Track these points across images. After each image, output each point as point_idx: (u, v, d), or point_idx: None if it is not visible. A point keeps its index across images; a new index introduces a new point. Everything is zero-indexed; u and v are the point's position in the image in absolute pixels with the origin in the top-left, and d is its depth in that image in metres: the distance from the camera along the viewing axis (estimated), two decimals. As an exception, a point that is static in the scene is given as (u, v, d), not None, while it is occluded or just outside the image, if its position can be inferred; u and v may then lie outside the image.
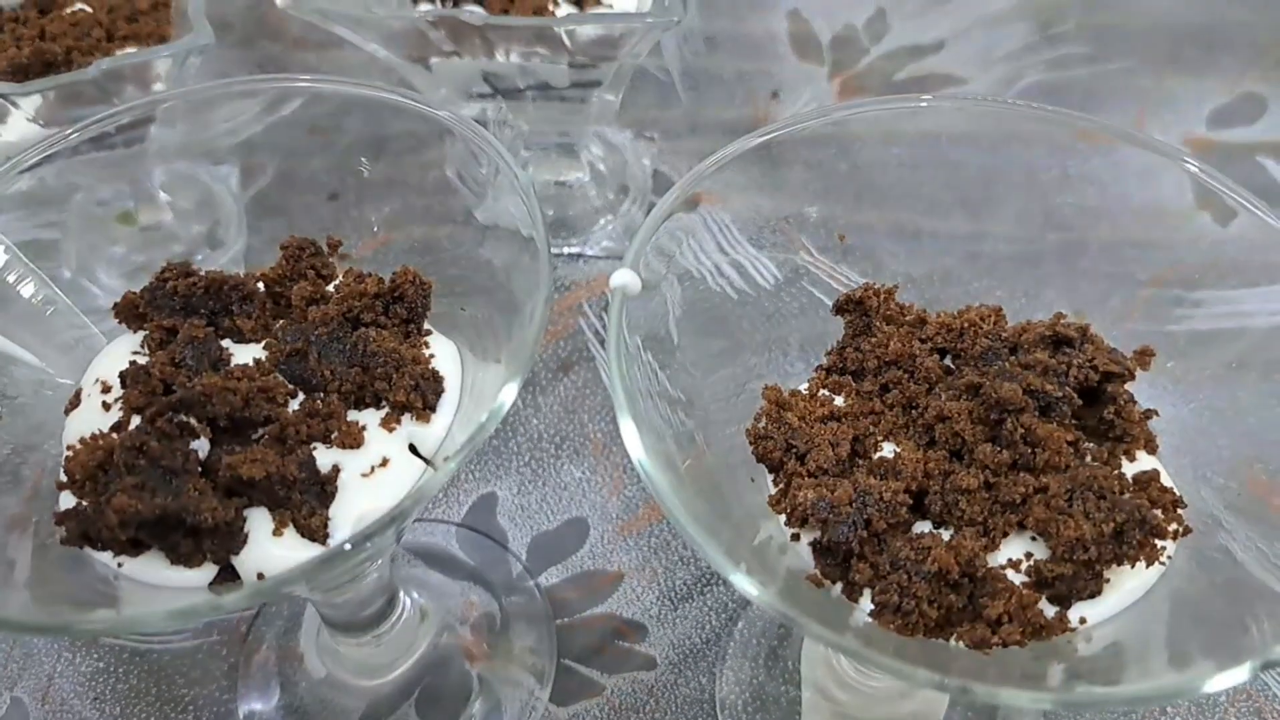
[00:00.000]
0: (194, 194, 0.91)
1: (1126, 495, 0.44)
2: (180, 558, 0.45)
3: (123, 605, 0.44)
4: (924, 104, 0.57)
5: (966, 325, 0.50)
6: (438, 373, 0.50)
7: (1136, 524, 0.42)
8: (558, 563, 0.72)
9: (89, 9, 0.77)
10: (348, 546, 0.38)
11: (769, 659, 0.67)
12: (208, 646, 0.69)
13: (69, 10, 0.77)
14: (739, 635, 0.68)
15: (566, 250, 0.87)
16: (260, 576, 0.44)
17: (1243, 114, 0.94)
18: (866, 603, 0.44)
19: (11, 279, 0.53)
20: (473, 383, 0.50)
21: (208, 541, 0.44)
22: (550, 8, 0.72)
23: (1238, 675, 0.35)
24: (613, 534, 0.73)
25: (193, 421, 0.46)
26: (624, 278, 0.45)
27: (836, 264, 0.62)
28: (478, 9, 0.67)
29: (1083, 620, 0.43)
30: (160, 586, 0.45)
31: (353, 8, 0.70)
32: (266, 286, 0.53)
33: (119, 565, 0.45)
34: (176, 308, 0.51)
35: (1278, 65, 0.97)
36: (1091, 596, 0.43)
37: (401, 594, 0.63)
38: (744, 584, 0.37)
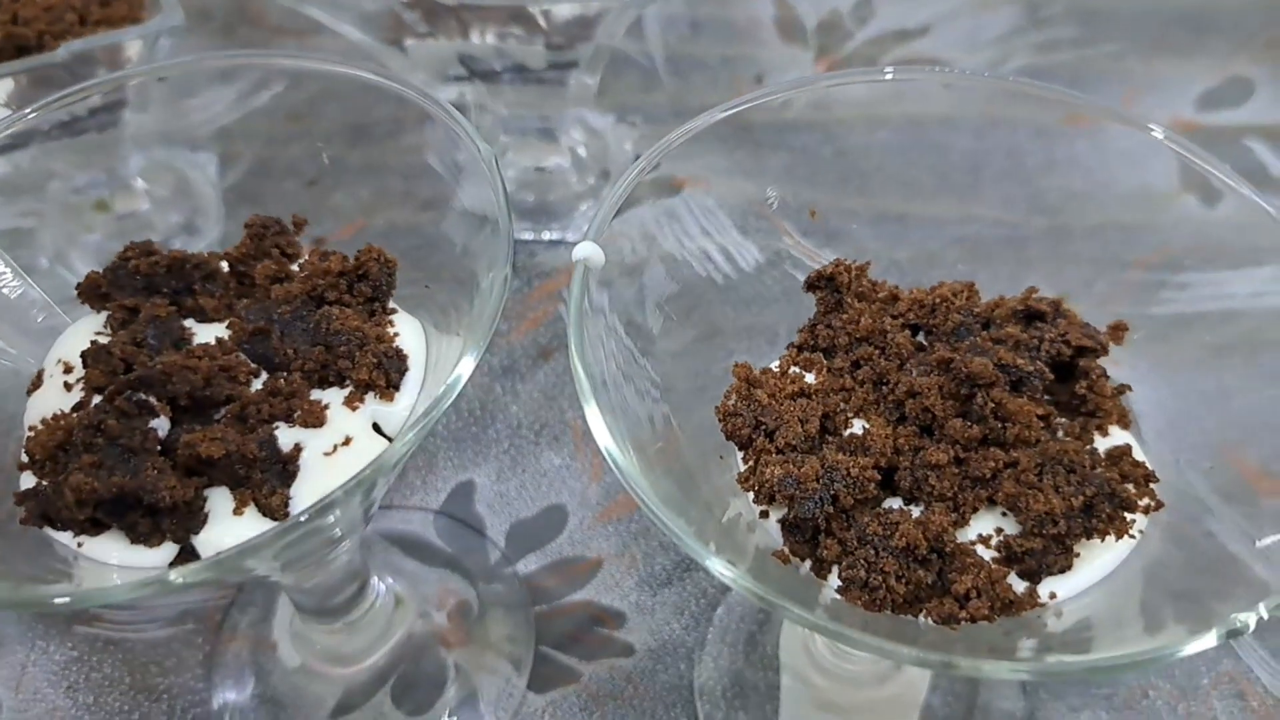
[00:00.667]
0: (171, 181, 0.90)
1: (1098, 470, 0.43)
2: (140, 537, 0.44)
3: (83, 586, 0.44)
4: (904, 77, 0.56)
5: (939, 301, 0.50)
6: (401, 350, 0.49)
7: (1106, 498, 0.41)
8: (536, 550, 0.71)
9: (62, -8, 0.76)
10: (303, 519, 0.37)
11: (748, 645, 0.67)
12: (182, 635, 0.68)
13: (42, -6, 0.76)
14: (718, 621, 0.67)
15: (546, 236, 0.86)
16: (220, 556, 0.44)
17: (1230, 97, 0.93)
18: (835, 579, 0.43)
19: None
20: (437, 360, 0.50)
21: (167, 521, 0.44)
22: (526, -11, 0.71)
23: (1209, 640, 0.34)
24: (592, 521, 0.72)
25: (152, 400, 0.45)
26: (587, 250, 0.44)
27: (820, 248, 0.62)
28: (452, -11, 0.67)
29: (1053, 595, 0.42)
30: (121, 567, 0.45)
31: (326, -11, 0.69)
32: (230, 265, 0.52)
33: (79, 545, 0.45)
34: (139, 287, 0.51)
35: (1266, 48, 0.97)
36: (1061, 571, 0.43)
37: (375, 580, 0.63)
38: (716, 566, 0.37)
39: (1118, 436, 0.47)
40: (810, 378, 0.49)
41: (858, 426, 0.47)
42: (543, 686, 0.65)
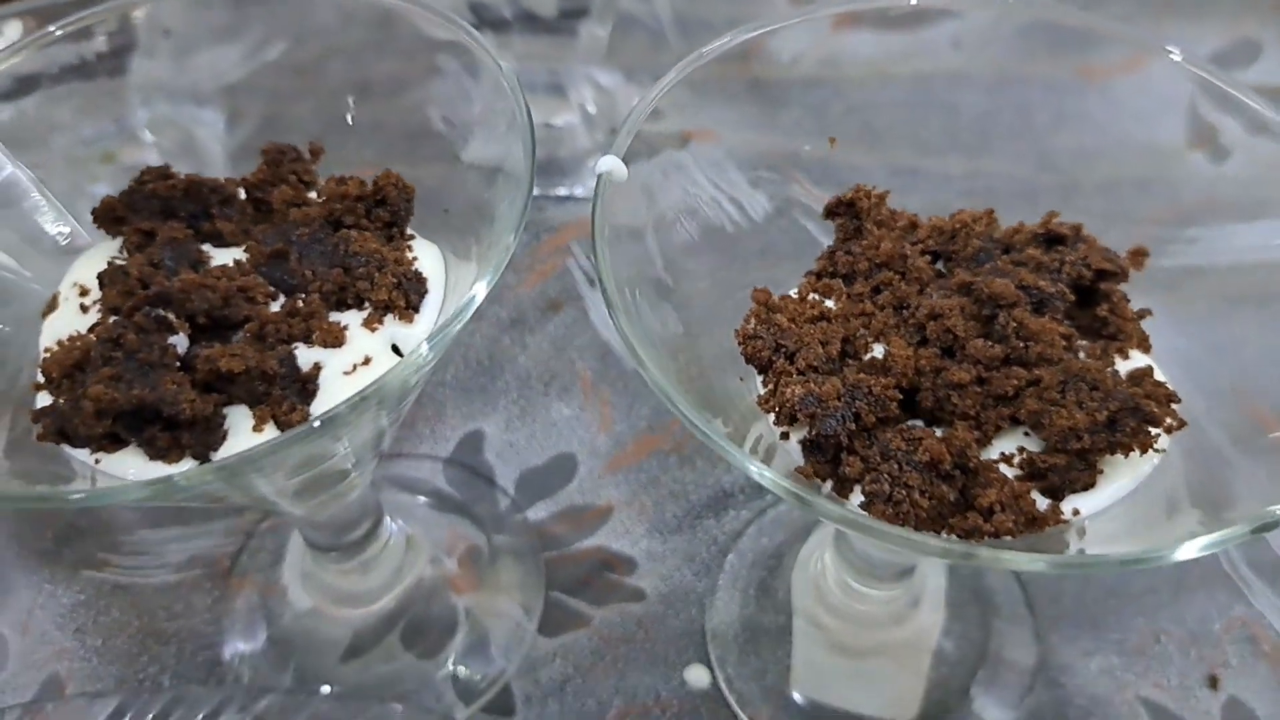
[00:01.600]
0: (178, 136, 0.89)
1: (1121, 387, 0.43)
2: (158, 453, 0.44)
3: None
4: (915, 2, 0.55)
5: (958, 227, 0.50)
6: (420, 273, 0.49)
7: (1130, 412, 0.41)
8: (546, 498, 0.71)
9: (71, -61, 0.76)
10: (316, 424, 0.37)
11: (759, 591, 0.67)
12: (190, 580, 0.68)
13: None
14: (729, 567, 0.67)
15: (555, 192, 0.86)
16: (239, 472, 0.43)
17: (1238, 58, 0.93)
18: (857, 498, 0.43)
19: None
20: (456, 283, 0.49)
21: (186, 435, 0.44)
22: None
23: (1240, 531, 0.34)
24: (601, 469, 0.72)
25: (171, 317, 0.45)
26: (610, 163, 0.44)
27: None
28: (465, -68, 0.66)
29: (1076, 512, 0.42)
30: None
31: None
32: (247, 191, 0.52)
33: (96, 462, 0.44)
34: (155, 210, 0.51)
35: (1274, 10, 0.97)
36: (1085, 489, 0.43)
37: (388, 519, 0.62)
38: (751, 465, 0.37)
39: (1139, 360, 0.47)
40: (830, 303, 0.49)
41: (878, 350, 0.47)
42: (553, 631, 0.65)
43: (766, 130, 0.63)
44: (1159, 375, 0.46)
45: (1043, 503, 0.43)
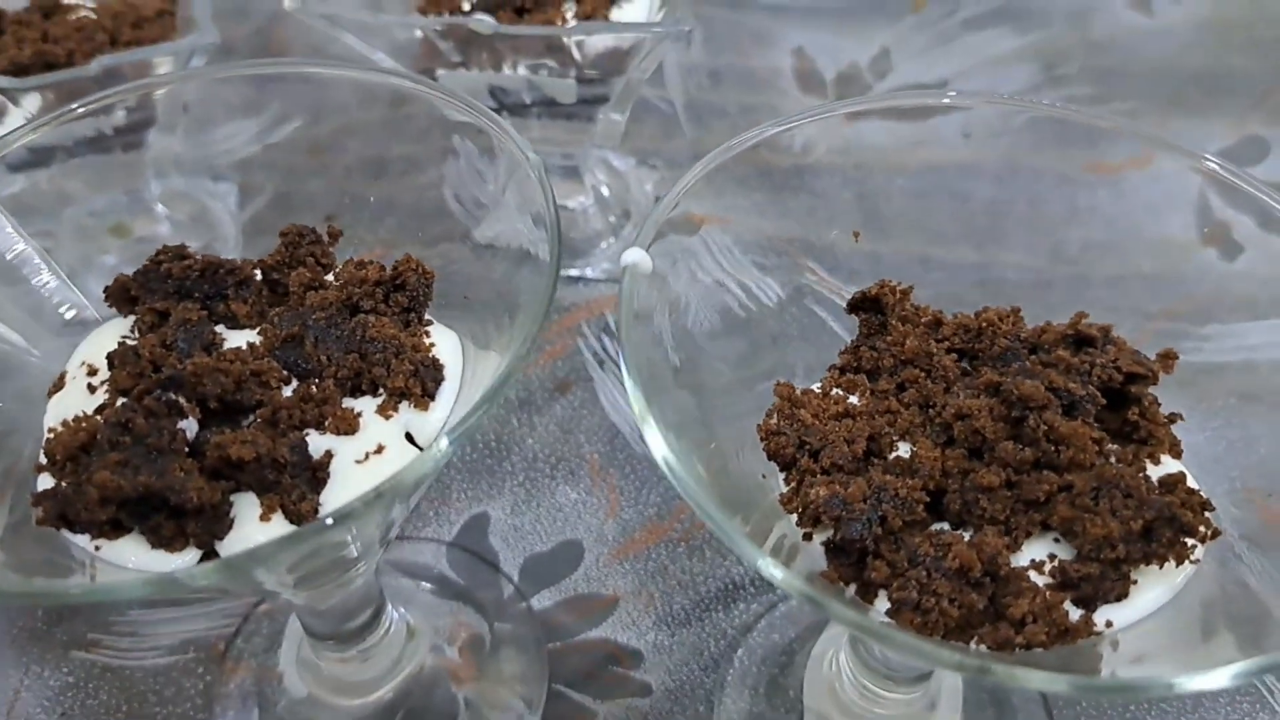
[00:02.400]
0: (191, 209, 0.90)
1: (1155, 495, 0.42)
2: (162, 541, 0.42)
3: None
4: (928, 102, 0.56)
5: (984, 325, 0.49)
6: (438, 360, 0.48)
7: (1166, 521, 0.40)
8: (550, 585, 0.69)
9: (93, 14, 0.76)
10: (329, 521, 0.36)
11: (770, 688, 0.65)
12: (182, 664, 0.66)
13: (73, 15, 0.76)
14: (739, 663, 0.65)
15: (567, 273, 0.86)
16: (245, 563, 0.42)
17: (1247, 156, 0.94)
18: (882, 604, 0.42)
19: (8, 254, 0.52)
20: (474, 373, 0.48)
21: (191, 524, 0.42)
22: (560, 21, 0.72)
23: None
24: (608, 557, 0.71)
25: (181, 401, 0.44)
26: (635, 255, 0.43)
27: (845, 285, 0.61)
28: (488, 18, 0.67)
29: (1109, 624, 0.41)
30: (138, 572, 0.43)
31: (360, 14, 0.69)
32: (264, 273, 0.51)
33: (96, 549, 0.43)
34: (170, 291, 0.50)
35: (1280, 109, 0.98)
36: (1118, 599, 0.41)
37: (390, 608, 0.61)
38: (766, 566, 0.35)
39: (1170, 465, 0.46)
40: (854, 399, 0.48)
41: (904, 449, 0.46)
42: (556, 726, 0.63)
43: (777, 217, 0.63)
44: (1191, 482, 0.45)
45: (1075, 613, 0.41)
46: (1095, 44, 1.07)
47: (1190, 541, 0.41)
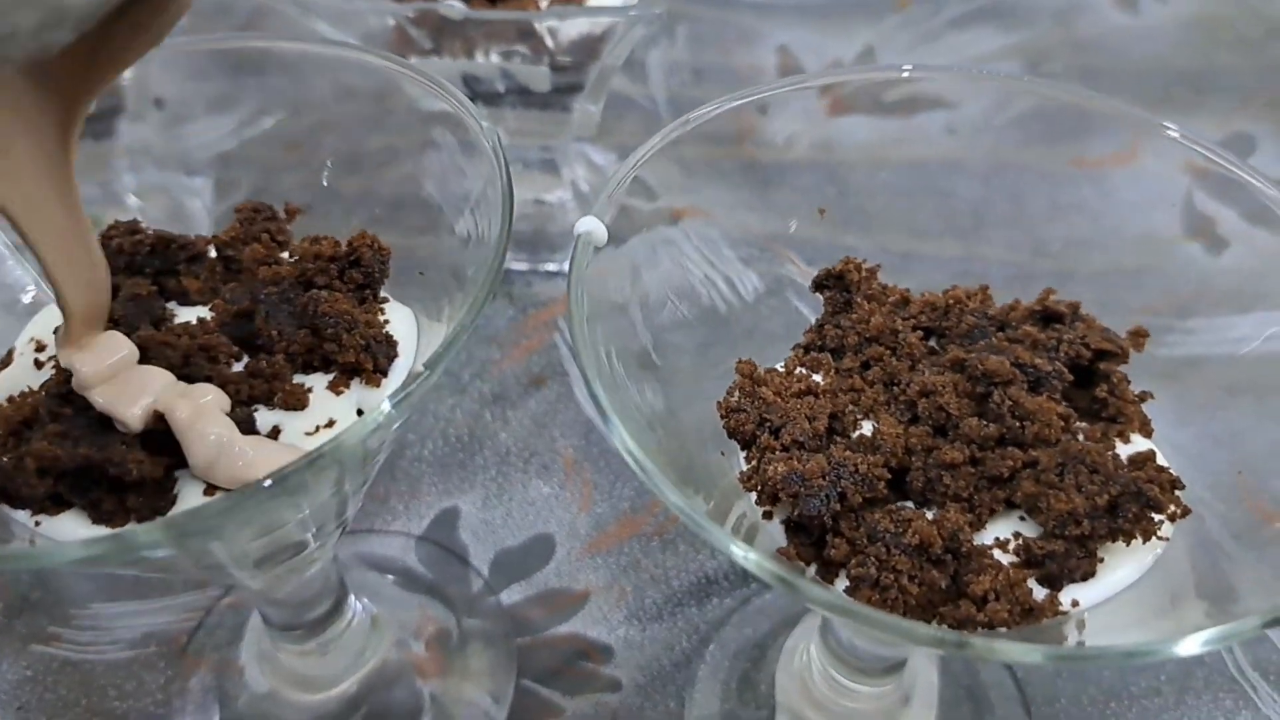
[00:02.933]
0: (166, 204, 0.89)
1: (1122, 471, 0.41)
2: (102, 517, 0.41)
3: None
4: (906, 74, 0.55)
5: (951, 303, 0.48)
6: (391, 336, 0.47)
7: (1132, 496, 0.39)
8: (521, 580, 0.68)
9: None
10: (267, 483, 0.35)
11: (741, 683, 0.63)
12: (144, 658, 0.64)
13: None
14: (710, 658, 0.64)
15: (544, 268, 0.85)
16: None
17: (1233, 152, 0.93)
18: (843, 583, 0.41)
19: None
20: (427, 348, 0.47)
21: (133, 498, 0.41)
22: (533, 7, 0.71)
23: (1250, 624, 0.32)
24: (580, 552, 0.69)
25: (126, 374, 0.43)
26: (589, 224, 0.42)
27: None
28: (459, 3, 0.66)
29: (1075, 603, 0.40)
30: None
31: (334, 0, 0.68)
32: (218, 249, 0.50)
33: (36, 525, 0.42)
34: (120, 266, 0.49)
35: (1267, 106, 0.97)
36: (1085, 578, 0.40)
37: (352, 598, 0.59)
38: (734, 547, 0.34)
39: (1140, 444, 0.45)
40: (818, 378, 0.47)
41: (867, 428, 0.45)
42: (523, 721, 0.62)
43: (759, 211, 0.62)
44: (1161, 460, 0.43)
45: (1040, 592, 0.40)
46: (1080, 43, 1.06)
47: (1158, 518, 0.40)
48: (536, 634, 0.65)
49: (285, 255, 0.51)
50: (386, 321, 0.48)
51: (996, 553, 0.41)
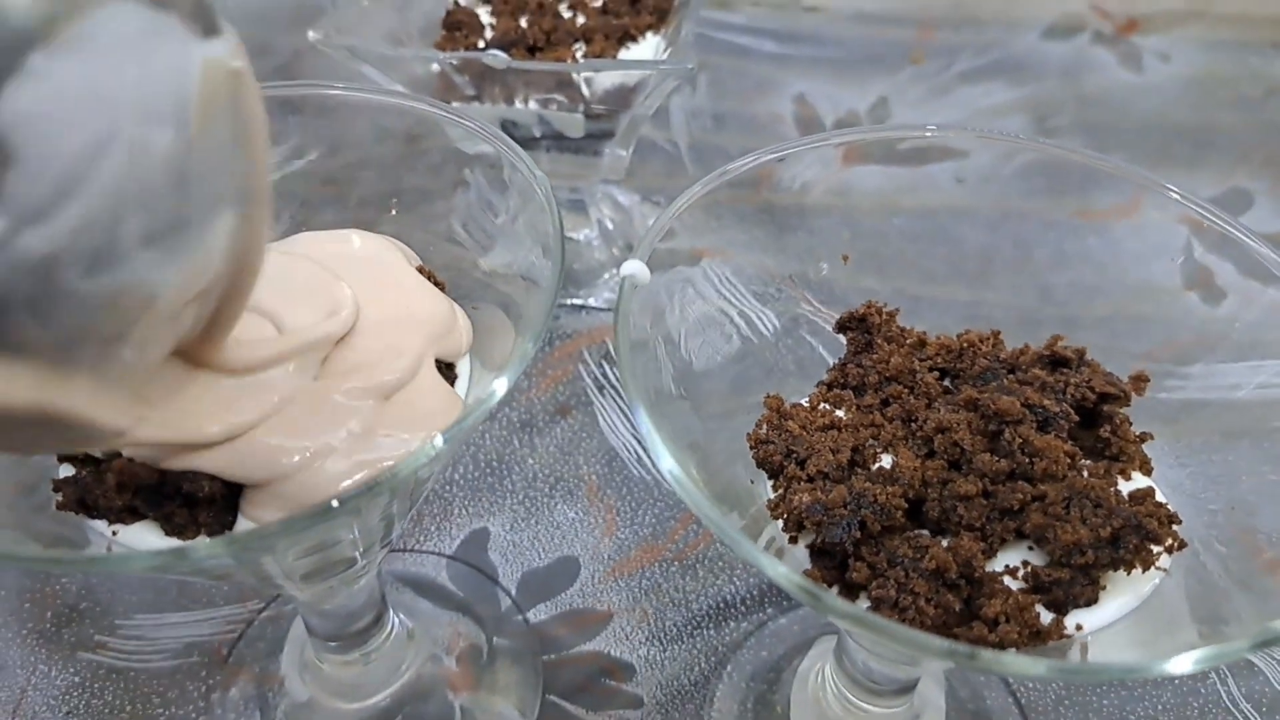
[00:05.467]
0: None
1: (1123, 506, 0.44)
2: (174, 528, 0.45)
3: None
4: (929, 134, 0.59)
5: (966, 346, 0.52)
6: (450, 365, 0.50)
7: (1132, 529, 0.42)
8: (547, 599, 0.71)
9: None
10: (335, 504, 0.38)
11: (758, 704, 0.66)
12: (186, 667, 0.67)
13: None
14: (728, 679, 0.67)
15: (571, 301, 0.89)
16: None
17: (1232, 208, 0.97)
18: (864, 604, 0.44)
19: None
20: (478, 379, 0.51)
21: (203, 513, 0.44)
22: (570, 59, 0.75)
23: (1240, 647, 0.35)
24: (603, 574, 0.73)
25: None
26: (634, 267, 0.46)
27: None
28: (501, 53, 0.70)
29: (1079, 627, 0.43)
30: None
31: (381, 47, 0.72)
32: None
33: (114, 534, 0.45)
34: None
35: (1265, 163, 1.01)
36: (1088, 604, 0.43)
37: (391, 613, 0.63)
38: (770, 564, 0.38)
39: (1140, 481, 0.48)
40: (840, 413, 0.50)
41: (887, 461, 0.48)
42: (548, 735, 0.65)
43: (776, 253, 0.66)
44: (1160, 497, 0.47)
45: (1047, 616, 0.43)
46: (1086, 98, 1.11)
47: (1157, 550, 0.43)
48: (562, 652, 0.68)
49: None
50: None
51: (1007, 579, 0.44)
